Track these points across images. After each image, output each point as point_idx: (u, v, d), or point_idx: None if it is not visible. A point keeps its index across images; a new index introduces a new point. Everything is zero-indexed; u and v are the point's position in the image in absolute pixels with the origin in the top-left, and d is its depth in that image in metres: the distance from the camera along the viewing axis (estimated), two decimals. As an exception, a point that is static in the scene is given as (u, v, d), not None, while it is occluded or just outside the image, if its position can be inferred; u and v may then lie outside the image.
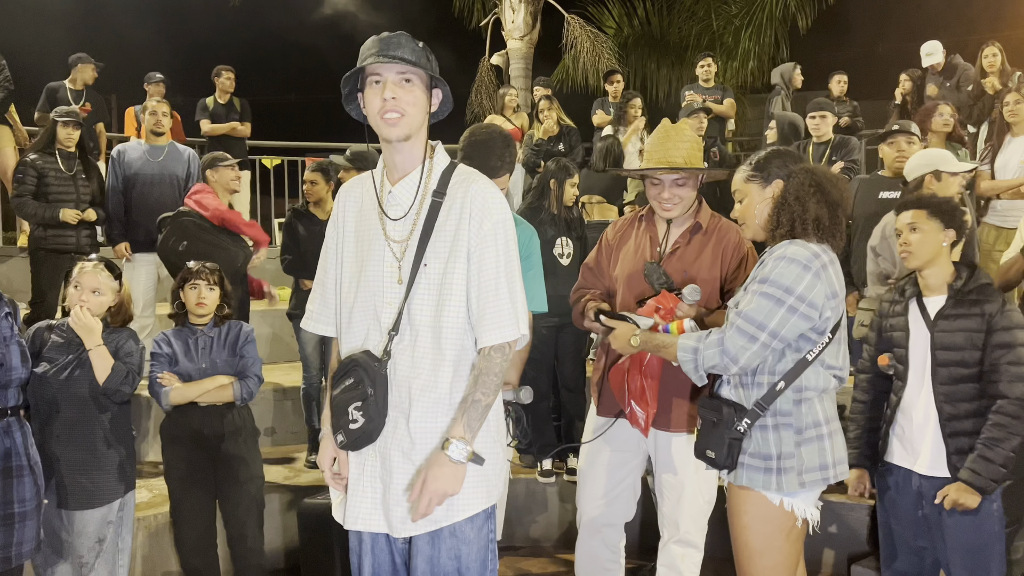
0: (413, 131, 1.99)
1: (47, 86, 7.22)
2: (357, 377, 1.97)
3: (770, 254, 2.31)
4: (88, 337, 2.98)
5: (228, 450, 3.36)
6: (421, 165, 2.05)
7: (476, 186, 2.03)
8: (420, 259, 2.00)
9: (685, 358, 2.31)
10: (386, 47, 1.96)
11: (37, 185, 5.04)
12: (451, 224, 2.01)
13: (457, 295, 2.00)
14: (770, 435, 2.30)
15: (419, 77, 1.98)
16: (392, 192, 2.05)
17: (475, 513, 2.03)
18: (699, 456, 2.43)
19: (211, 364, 3.35)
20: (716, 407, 2.36)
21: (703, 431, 2.41)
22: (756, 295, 2.25)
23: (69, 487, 2.96)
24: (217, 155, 4.78)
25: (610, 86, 8.10)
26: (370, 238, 2.06)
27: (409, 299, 1.99)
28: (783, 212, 2.33)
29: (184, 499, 3.37)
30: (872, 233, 3.85)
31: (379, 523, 2.04)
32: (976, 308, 2.62)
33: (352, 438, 1.99)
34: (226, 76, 7.52)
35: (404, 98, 1.95)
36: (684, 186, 2.81)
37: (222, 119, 7.51)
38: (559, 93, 8.84)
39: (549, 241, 4.36)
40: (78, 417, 3.00)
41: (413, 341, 2.00)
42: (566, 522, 4.46)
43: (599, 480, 2.92)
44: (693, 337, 2.34)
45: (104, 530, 3.03)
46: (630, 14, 13.19)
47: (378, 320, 2.03)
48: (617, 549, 2.98)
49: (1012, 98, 4.76)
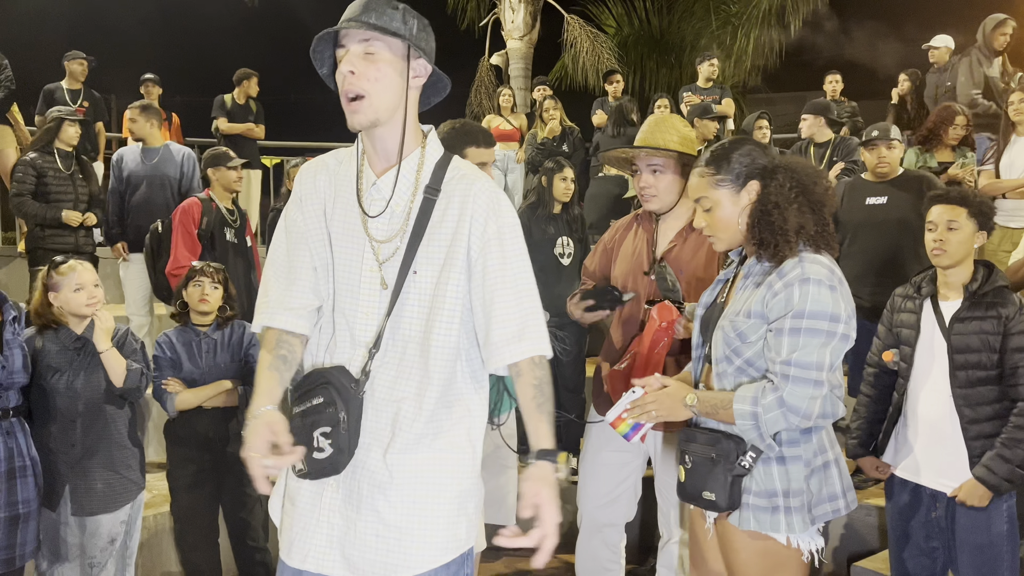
0: (382, 116, 1.66)
1: (44, 88, 7.25)
2: (328, 398, 1.64)
3: (780, 279, 1.96)
4: (104, 340, 2.95)
5: (233, 452, 3.34)
6: (408, 153, 1.72)
7: (479, 185, 1.72)
8: (409, 264, 1.68)
9: (745, 426, 1.95)
10: (357, 10, 1.63)
11: (36, 184, 5.06)
12: (448, 227, 1.69)
13: (449, 310, 1.69)
14: (774, 469, 1.99)
15: (389, 47, 1.64)
16: (377, 185, 1.72)
17: (450, 560, 1.72)
18: (690, 500, 2.08)
19: (215, 367, 3.33)
20: (710, 441, 2.01)
21: (694, 471, 2.04)
22: (799, 334, 1.91)
23: (85, 493, 2.96)
24: (221, 153, 4.73)
25: (609, 86, 8.11)
26: (345, 234, 1.74)
27: (397, 310, 1.68)
28: (764, 227, 1.99)
29: (187, 499, 3.36)
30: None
31: (334, 565, 1.69)
32: (992, 311, 2.58)
33: (314, 468, 1.65)
34: (254, 80, 7.59)
35: (365, 73, 1.62)
36: (662, 173, 2.74)
37: (239, 119, 7.53)
38: (558, 93, 8.84)
39: (550, 241, 4.36)
40: (92, 423, 2.99)
41: (399, 359, 1.68)
42: (566, 522, 4.41)
43: (600, 480, 2.91)
44: (748, 399, 1.94)
45: (116, 530, 3.04)
46: (630, 14, 13.19)
47: (351, 331, 1.71)
48: (617, 549, 2.98)
49: (1017, 97, 4.74)
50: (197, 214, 4.48)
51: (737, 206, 2.06)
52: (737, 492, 1.99)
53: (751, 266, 2.08)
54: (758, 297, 1.99)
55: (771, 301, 1.96)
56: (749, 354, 2.01)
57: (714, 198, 2.08)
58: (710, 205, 2.09)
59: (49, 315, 3.00)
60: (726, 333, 2.03)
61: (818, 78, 7.98)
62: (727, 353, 2.04)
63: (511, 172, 7.83)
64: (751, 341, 2.00)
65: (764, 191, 2.02)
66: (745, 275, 2.09)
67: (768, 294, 1.97)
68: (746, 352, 2.01)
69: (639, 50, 13.15)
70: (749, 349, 2.01)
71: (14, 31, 11.27)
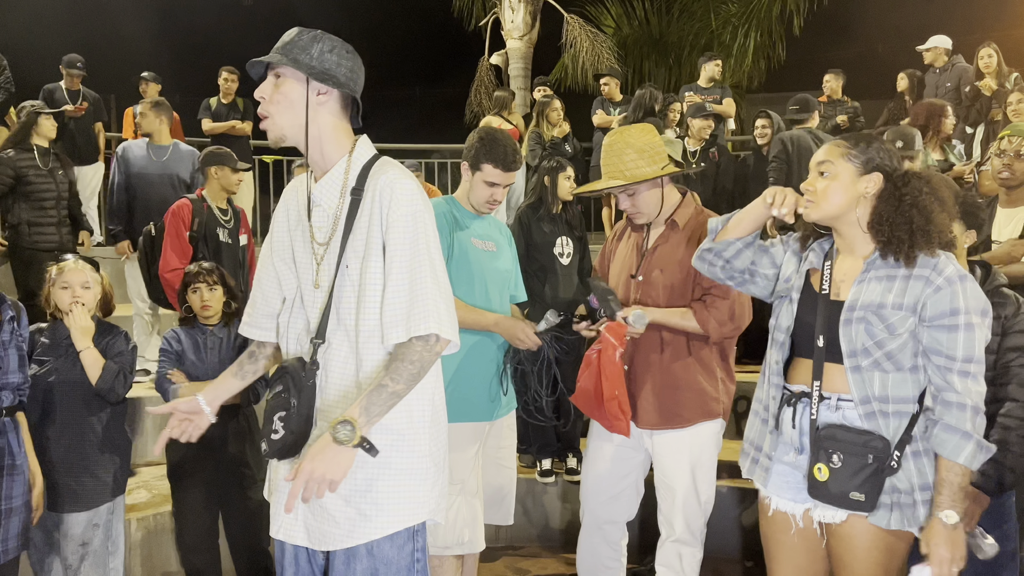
0: (287, 133, 1.89)
1: (43, 88, 7.25)
2: (285, 385, 1.86)
3: (940, 275, 2.00)
4: (82, 339, 2.96)
5: (233, 452, 3.35)
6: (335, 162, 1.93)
7: (386, 176, 1.88)
8: (341, 260, 1.89)
9: (980, 457, 1.98)
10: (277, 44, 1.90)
11: (15, 182, 5.03)
12: (363, 220, 1.89)
13: (372, 296, 1.86)
14: (911, 464, 2.03)
15: (292, 73, 1.86)
16: (313, 193, 1.94)
17: (396, 531, 1.88)
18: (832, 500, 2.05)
19: (219, 363, 3.33)
20: (862, 443, 2.01)
21: (842, 471, 2.02)
22: (972, 330, 1.97)
23: (57, 489, 2.95)
24: (225, 153, 4.68)
25: (603, 88, 8.09)
26: (303, 238, 1.97)
27: (335, 303, 1.89)
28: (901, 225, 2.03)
29: (187, 499, 3.36)
30: None
31: (299, 535, 1.93)
32: (992, 311, 2.58)
33: (274, 448, 1.87)
34: (226, 77, 7.51)
35: (270, 98, 1.87)
36: (637, 196, 2.80)
37: (224, 119, 7.50)
38: (558, 93, 8.84)
39: (549, 240, 4.36)
40: (68, 419, 2.98)
41: (345, 348, 1.89)
42: (566, 522, 4.46)
43: (602, 476, 2.93)
44: (953, 433, 1.96)
45: (89, 533, 3.00)
46: (629, 14, 13.22)
47: (308, 325, 1.95)
48: (618, 547, 2.99)
49: (1015, 98, 4.76)
50: (188, 215, 4.46)
51: (854, 187, 2.09)
52: (878, 490, 2.02)
53: (873, 261, 2.10)
54: (905, 288, 2.03)
55: (932, 296, 2.00)
56: (892, 347, 2.03)
57: (839, 167, 2.11)
58: (832, 172, 2.11)
59: (55, 311, 3.05)
60: (871, 325, 2.04)
61: (818, 78, 7.98)
62: (868, 345, 2.04)
63: (511, 172, 7.82)
64: (899, 333, 2.02)
65: (896, 191, 2.06)
66: (865, 269, 2.11)
67: (927, 289, 2.01)
68: (889, 344, 2.03)
69: (638, 50, 13.17)
70: (894, 342, 2.02)
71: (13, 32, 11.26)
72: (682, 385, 2.78)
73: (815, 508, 2.14)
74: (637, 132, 2.81)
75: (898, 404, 2.04)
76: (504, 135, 2.90)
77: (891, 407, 2.03)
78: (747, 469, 2.32)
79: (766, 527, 2.28)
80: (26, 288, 5.13)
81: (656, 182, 2.80)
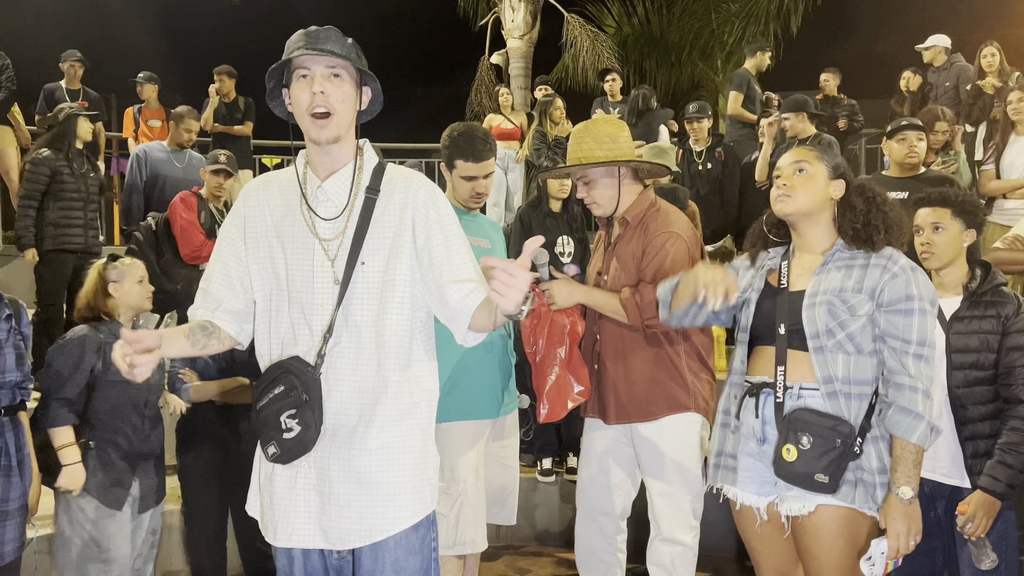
0: (343, 131, 1.90)
1: (44, 87, 7.24)
2: (288, 384, 1.84)
3: (895, 263, 2.18)
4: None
5: (244, 452, 3.34)
6: (353, 161, 1.96)
7: (417, 182, 1.97)
8: (356, 257, 1.89)
9: (932, 438, 2.09)
10: (314, 40, 1.86)
11: (49, 184, 5.03)
12: (390, 221, 1.91)
13: (400, 291, 1.90)
14: (871, 449, 2.14)
15: (348, 72, 1.89)
16: (323, 188, 1.94)
17: (419, 520, 1.92)
18: (796, 480, 2.13)
19: (231, 362, 3.35)
20: (830, 426, 2.10)
21: (810, 452, 2.10)
22: (925, 315, 2.13)
23: (146, 487, 3.06)
24: (210, 155, 4.75)
25: (606, 85, 8.09)
26: (295, 238, 1.93)
27: (346, 299, 1.88)
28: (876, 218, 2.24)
29: (198, 499, 3.37)
30: None
31: (314, 538, 1.90)
32: (992, 310, 2.57)
33: (286, 449, 1.84)
34: (218, 79, 7.46)
35: (333, 93, 1.85)
36: (594, 183, 2.81)
37: (225, 119, 7.50)
38: (558, 92, 8.84)
39: (549, 240, 4.37)
40: (155, 416, 3.11)
41: (355, 343, 1.88)
42: (566, 521, 4.46)
43: (595, 468, 2.92)
44: (907, 414, 2.08)
45: (157, 520, 3.15)
46: (629, 13, 13.20)
47: (308, 323, 1.90)
48: (614, 541, 2.94)
49: (1016, 96, 4.74)
50: (195, 205, 4.55)
51: (826, 188, 2.27)
52: (841, 475, 2.10)
53: (833, 254, 2.25)
54: (863, 276, 2.18)
55: (889, 282, 2.15)
56: (853, 327, 2.14)
57: (816, 167, 2.28)
58: (809, 170, 2.27)
59: (102, 308, 3.03)
60: (834, 307, 2.16)
61: (818, 77, 7.98)
62: (831, 327, 2.15)
63: (511, 171, 7.80)
64: (860, 315, 2.15)
65: (862, 195, 2.26)
66: (824, 262, 2.25)
67: (884, 275, 2.16)
68: (851, 325, 2.14)
69: (639, 49, 13.16)
70: (855, 323, 2.15)
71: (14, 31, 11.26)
72: (641, 379, 2.76)
73: (781, 502, 2.21)
74: (602, 123, 2.86)
75: (859, 386, 2.14)
76: (471, 127, 2.90)
77: (853, 388, 2.14)
78: (713, 476, 2.38)
79: (739, 522, 2.37)
80: (48, 289, 5.12)
81: (612, 174, 2.79)
